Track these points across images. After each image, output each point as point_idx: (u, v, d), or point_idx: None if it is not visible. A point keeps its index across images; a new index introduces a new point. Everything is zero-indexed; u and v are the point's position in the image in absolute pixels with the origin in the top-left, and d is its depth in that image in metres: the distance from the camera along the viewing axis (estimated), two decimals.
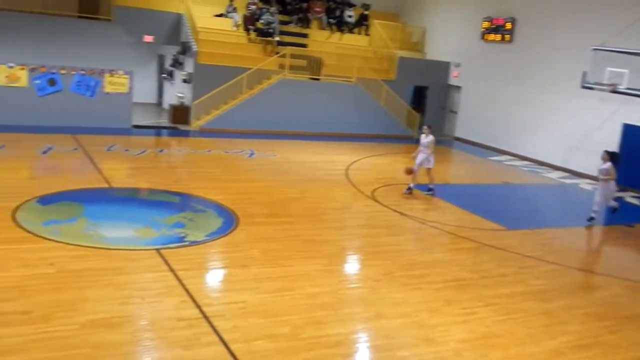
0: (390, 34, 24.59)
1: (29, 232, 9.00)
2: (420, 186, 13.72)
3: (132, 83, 19.27)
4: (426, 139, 13.83)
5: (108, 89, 18.90)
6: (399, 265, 9.12)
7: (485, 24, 22.60)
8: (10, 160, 13.82)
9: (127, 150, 15.96)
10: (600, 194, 12.66)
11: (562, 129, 19.44)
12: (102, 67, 18.74)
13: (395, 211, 12.27)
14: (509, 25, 21.62)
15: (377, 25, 24.77)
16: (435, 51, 25.38)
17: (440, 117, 24.71)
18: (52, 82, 18.15)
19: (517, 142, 21.27)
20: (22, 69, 17.76)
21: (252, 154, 17.02)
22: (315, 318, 7.04)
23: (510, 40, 21.64)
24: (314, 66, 22.34)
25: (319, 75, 22.32)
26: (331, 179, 13.08)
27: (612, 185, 12.63)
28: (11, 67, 17.64)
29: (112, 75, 18.92)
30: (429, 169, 13.85)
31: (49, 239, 8.77)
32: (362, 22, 25.20)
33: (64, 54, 18.44)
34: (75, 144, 15.93)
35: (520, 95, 21.11)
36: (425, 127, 14.26)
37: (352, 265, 9.44)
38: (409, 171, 13.77)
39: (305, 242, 9.83)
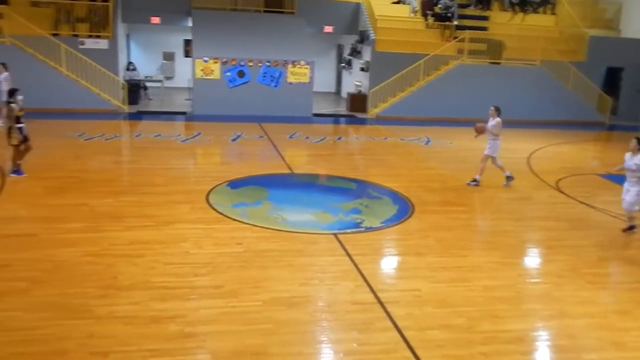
0: (579, 12, 22.85)
1: (220, 213, 9.79)
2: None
3: (312, 73, 20.02)
4: (491, 122, 12.12)
5: (291, 79, 19.84)
6: (585, 262, 8.49)
7: None
8: (205, 147, 15.13)
9: (307, 137, 16.65)
10: None
11: None
12: (285, 59, 19.69)
13: (583, 203, 11.44)
14: None
15: (564, 3, 23.14)
16: (633, 28, 23.07)
17: (637, 101, 22.49)
18: (241, 74, 19.48)
19: None
20: (216, 62, 19.29)
21: (427, 142, 16.87)
22: (492, 311, 6.82)
23: None
24: (495, 50, 21.48)
25: (499, 59, 21.43)
26: (511, 168, 12.52)
27: None
28: (206, 61, 19.22)
29: (294, 66, 19.81)
30: (491, 157, 12.25)
31: (237, 220, 9.46)
32: (547, 0, 23.69)
33: (251, 47, 19.68)
34: (261, 131, 16.97)
35: None
36: (491, 108, 12.32)
37: (532, 259, 8.97)
38: (479, 129, 12.19)
39: (482, 233, 9.55)
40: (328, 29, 22.50)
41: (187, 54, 23.81)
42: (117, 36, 19.30)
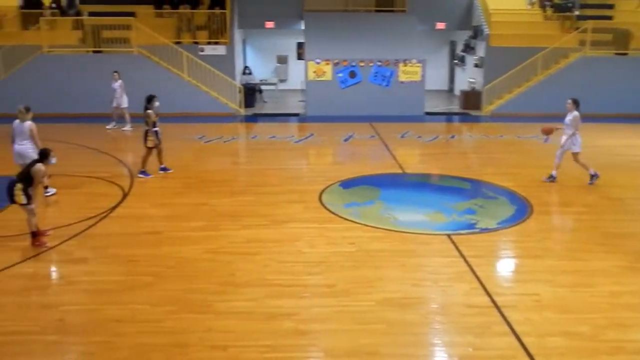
0: None
1: (333, 213, 9.89)
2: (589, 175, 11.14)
3: (424, 71, 19.75)
4: (569, 116, 11.49)
5: (402, 78, 19.70)
6: None
7: None
8: (318, 147, 15.37)
9: (419, 137, 16.45)
10: None
11: None
12: (397, 58, 19.57)
13: None
14: None
15: None
16: None
17: None
18: (352, 74, 19.60)
19: None
20: (327, 63, 19.54)
21: (547, 139, 16.09)
22: (619, 320, 6.38)
23: None
24: (621, 40, 20.11)
25: (626, 50, 20.04)
26: (635, 166, 11.64)
27: None
28: (318, 63, 19.51)
29: (405, 65, 19.65)
30: (575, 154, 11.57)
31: (349, 220, 9.52)
32: None
33: (363, 47, 19.73)
34: (373, 131, 16.97)
35: None
36: (569, 101, 11.67)
37: None
38: (547, 130, 11.80)
39: (605, 235, 8.96)
40: (440, 25, 22.09)
41: (300, 56, 24.31)
42: (234, 42, 20.05)
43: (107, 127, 17.10)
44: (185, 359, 5.70)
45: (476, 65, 21.37)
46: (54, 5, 19.72)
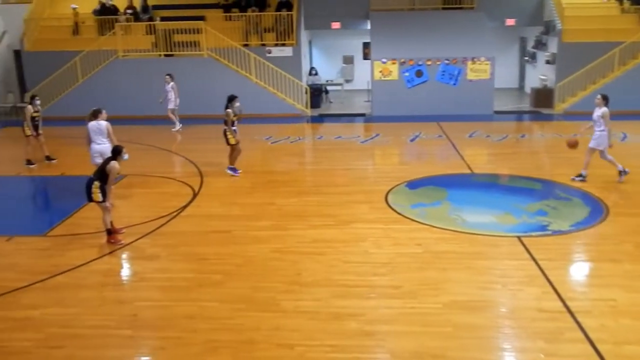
0: None
1: (399, 213, 9.83)
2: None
3: (493, 69, 19.32)
4: (597, 112, 11.20)
5: (470, 76, 19.33)
6: None
7: None
8: (384, 147, 15.30)
9: (488, 136, 16.11)
10: None
11: None
12: (465, 56, 19.23)
13: None
14: None
15: None
16: None
17: None
18: (419, 73, 19.40)
19: None
20: (394, 63, 19.42)
21: (624, 138, 15.45)
22: None
23: None
24: None
25: None
26: None
27: None
28: (384, 63, 19.42)
29: (474, 63, 19.28)
30: (599, 151, 11.29)
31: (416, 221, 9.43)
32: None
33: (429, 46, 19.50)
34: (440, 131, 16.75)
35: None
36: (598, 96, 11.44)
37: None
38: (572, 144, 11.39)
39: None
40: (510, 22, 21.53)
41: (366, 56, 24.25)
42: (301, 43, 20.22)
43: (173, 129, 17.57)
44: (253, 356, 5.81)
45: (548, 62, 20.72)
46: (129, 11, 20.46)
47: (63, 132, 17.48)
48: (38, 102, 13.97)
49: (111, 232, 8.88)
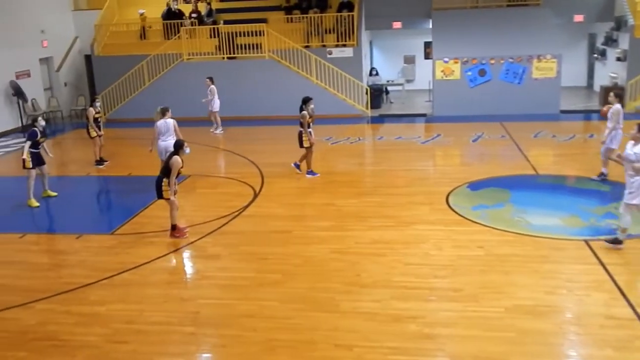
0: None
1: (460, 215, 9.66)
2: None
3: (560, 67, 18.73)
4: (611, 109, 11.18)
5: (536, 74, 18.80)
6: None
7: None
8: (445, 148, 15.07)
9: (554, 136, 15.63)
10: None
11: None
12: (530, 54, 18.72)
13: None
14: None
15: None
16: None
17: None
18: (482, 72, 19.02)
19: None
20: (456, 62, 19.11)
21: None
22: None
23: None
24: None
25: None
26: None
27: None
28: (446, 62, 19.14)
29: (539, 61, 18.74)
30: (609, 149, 11.07)
31: (477, 223, 9.25)
32: None
33: (493, 44, 19.07)
34: (503, 131, 16.36)
35: None
36: (611, 93, 11.66)
37: None
38: (605, 112, 10.92)
39: None
40: (578, 18, 20.79)
41: (427, 56, 23.95)
42: (361, 44, 20.17)
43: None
44: (311, 357, 5.83)
45: (619, 59, 19.90)
46: (194, 15, 20.94)
47: (130, 133, 18.09)
48: (98, 104, 14.53)
49: (176, 228, 9.15)
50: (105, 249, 8.97)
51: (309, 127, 12.20)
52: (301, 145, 12.32)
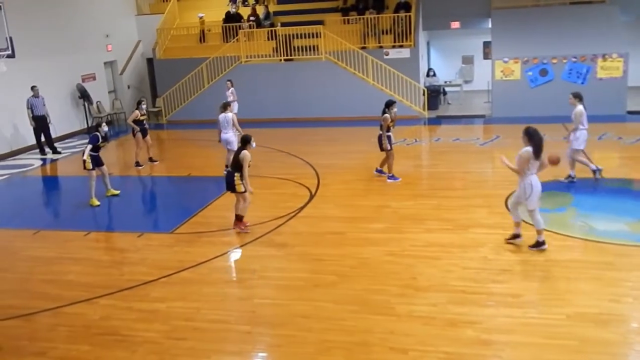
0: None
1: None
2: None
3: (627, 66, 18.05)
4: (574, 111, 11.25)
5: (601, 74, 18.18)
6: None
7: None
8: (504, 150, 14.64)
9: (620, 138, 15.08)
10: None
11: None
12: (594, 52, 18.12)
13: None
14: None
15: None
16: None
17: None
18: (543, 72, 18.53)
19: None
20: (516, 62, 18.68)
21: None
22: None
23: None
24: None
25: None
26: None
27: None
28: (506, 62, 18.75)
29: (605, 60, 18.11)
30: (574, 150, 11.26)
31: None
32: None
33: (555, 43, 18.55)
34: (565, 132, 15.83)
35: None
36: (569, 95, 11.65)
37: None
38: (553, 161, 9.16)
39: None
40: None
41: (486, 56, 23.51)
42: (418, 44, 19.98)
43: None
44: (367, 359, 5.82)
45: None
46: (252, 18, 21.24)
47: (190, 134, 18.48)
48: (144, 106, 14.95)
49: (241, 219, 9.48)
50: (165, 247, 9.20)
51: (388, 130, 12.09)
52: (381, 149, 12.24)
